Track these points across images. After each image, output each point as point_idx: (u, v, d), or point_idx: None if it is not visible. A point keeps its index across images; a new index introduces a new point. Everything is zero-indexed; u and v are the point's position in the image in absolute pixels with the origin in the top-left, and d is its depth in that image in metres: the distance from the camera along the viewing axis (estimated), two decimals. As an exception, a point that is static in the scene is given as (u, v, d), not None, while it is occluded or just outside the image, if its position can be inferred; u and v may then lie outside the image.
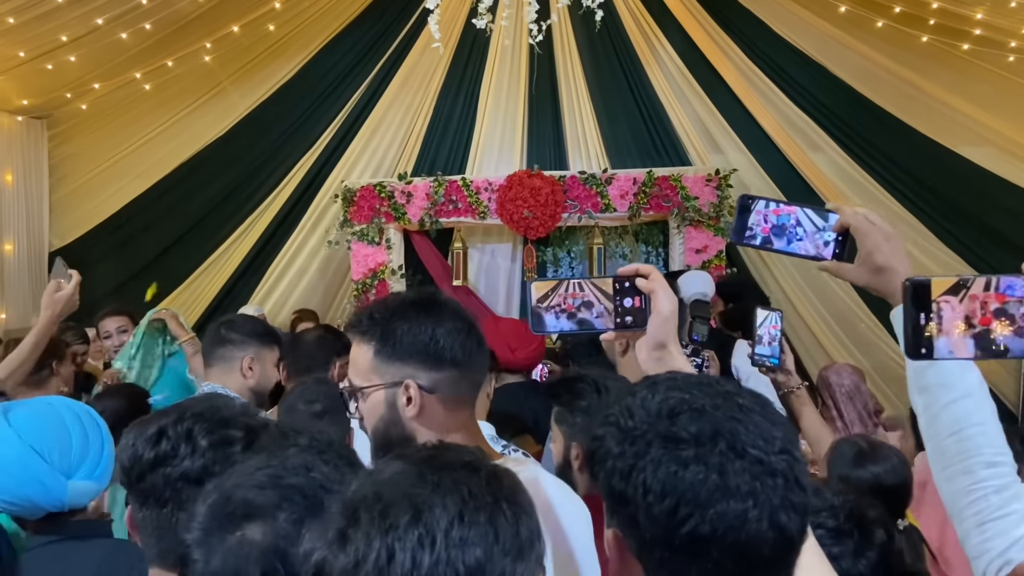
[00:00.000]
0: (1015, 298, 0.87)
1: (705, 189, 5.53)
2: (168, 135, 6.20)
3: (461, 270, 5.86)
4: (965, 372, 1.12)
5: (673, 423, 0.81)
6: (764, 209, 1.15)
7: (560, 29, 5.94)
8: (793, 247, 1.16)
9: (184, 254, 6.34)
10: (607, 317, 1.14)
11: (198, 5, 4.93)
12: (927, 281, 0.86)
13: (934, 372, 1.12)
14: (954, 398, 1.11)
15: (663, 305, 1.12)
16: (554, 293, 1.14)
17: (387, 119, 6.15)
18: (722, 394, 0.84)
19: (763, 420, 0.82)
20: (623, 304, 1.13)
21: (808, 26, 5.63)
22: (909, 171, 5.65)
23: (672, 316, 1.13)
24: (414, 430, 1.33)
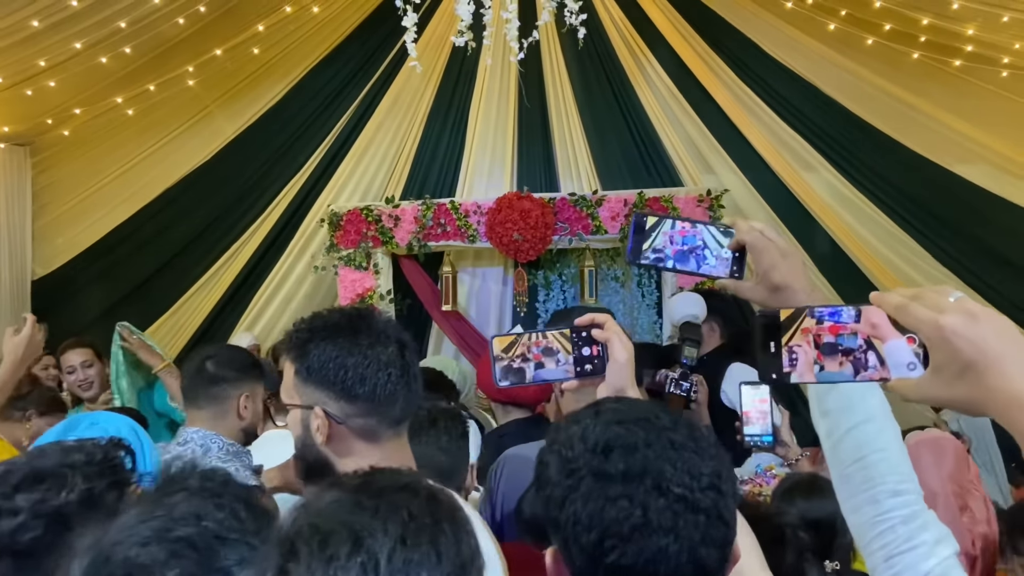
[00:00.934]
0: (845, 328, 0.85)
1: (697, 210, 5.46)
2: (153, 160, 6.12)
3: (451, 295, 5.76)
4: (867, 395, 1.08)
5: (606, 459, 0.87)
6: (669, 230, 1.11)
7: (548, 50, 5.90)
8: (701, 268, 1.14)
9: (170, 281, 6.24)
10: (568, 366, 1.18)
11: (180, 28, 4.86)
12: (776, 312, 0.87)
13: (835, 396, 1.09)
14: (856, 423, 1.08)
15: (618, 353, 1.16)
16: (516, 344, 1.18)
17: (375, 143, 6.08)
18: (657, 429, 0.88)
19: (693, 456, 0.87)
20: (582, 353, 1.18)
21: (798, 45, 5.60)
22: (902, 189, 5.59)
23: (627, 363, 1.16)
24: (327, 455, 1.33)
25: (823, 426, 1.13)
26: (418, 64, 3.84)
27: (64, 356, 3.80)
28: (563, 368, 1.19)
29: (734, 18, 5.70)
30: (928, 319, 0.74)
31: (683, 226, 1.12)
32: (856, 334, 0.84)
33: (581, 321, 1.19)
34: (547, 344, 1.18)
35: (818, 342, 0.85)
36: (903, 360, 0.80)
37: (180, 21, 4.76)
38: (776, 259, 1.09)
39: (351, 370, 1.29)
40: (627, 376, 1.16)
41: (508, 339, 1.19)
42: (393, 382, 1.32)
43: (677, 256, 1.11)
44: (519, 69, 3.88)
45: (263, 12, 5.31)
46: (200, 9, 4.75)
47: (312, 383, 1.31)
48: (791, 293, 1.08)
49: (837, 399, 1.09)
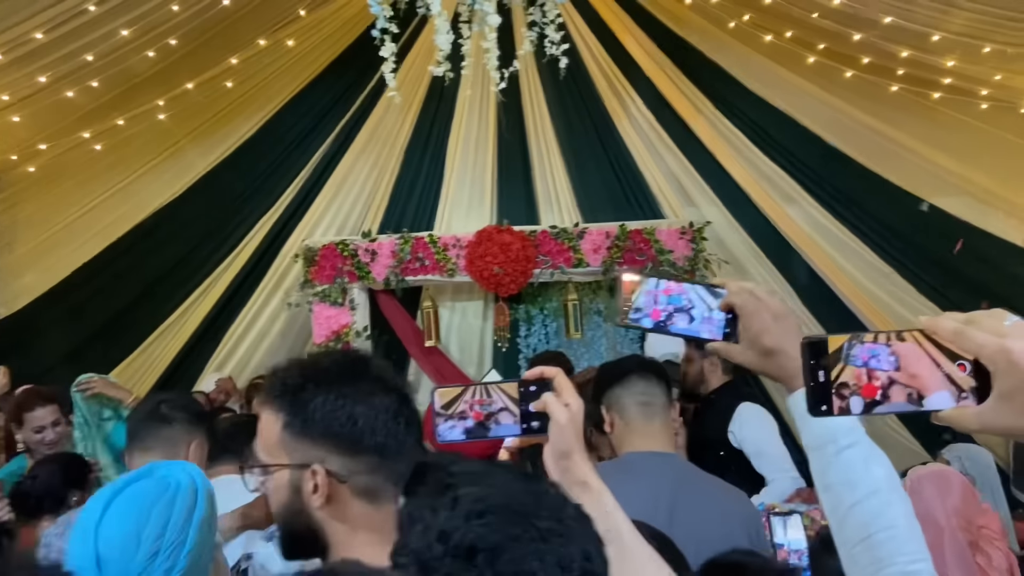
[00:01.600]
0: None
1: (679, 242, 5.40)
2: (122, 196, 5.95)
3: (433, 330, 5.62)
4: (870, 466, 1.01)
5: (470, 564, 0.81)
6: (654, 289, 1.05)
7: (527, 82, 5.85)
8: (686, 328, 1.07)
9: (138, 319, 6.03)
10: (515, 422, 1.10)
11: (150, 62, 4.74)
12: (824, 338, 0.79)
13: (837, 469, 1.02)
14: (859, 498, 1.00)
15: (558, 414, 1.06)
16: (460, 399, 1.10)
17: (352, 176, 5.98)
18: (522, 520, 0.84)
19: (561, 542, 0.83)
20: (528, 409, 1.10)
21: (777, 79, 5.60)
22: (884, 222, 5.58)
23: (569, 424, 1.05)
24: (321, 522, 1.16)
25: (826, 502, 1.05)
26: (397, 94, 3.74)
27: (32, 413, 3.46)
28: (509, 424, 1.10)
29: (713, 52, 5.70)
30: (992, 343, 0.69)
31: (668, 285, 1.06)
32: None
33: (529, 375, 1.11)
34: (493, 399, 1.10)
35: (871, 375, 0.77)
36: (952, 391, 0.74)
37: (150, 54, 4.64)
38: (767, 322, 1.02)
39: (362, 419, 1.16)
40: (570, 438, 1.05)
41: (452, 392, 1.11)
42: (402, 433, 1.20)
43: (665, 316, 1.05)
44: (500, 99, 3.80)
45: (236, 46, 5.21)
46: (171, 42, 4.64)
47: (309, 437, 1.15)
48: (784, 358, 1.01)
49: (838, 472, 1.02)
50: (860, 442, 1.02)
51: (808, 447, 1.05)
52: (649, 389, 1.83)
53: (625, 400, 1.86)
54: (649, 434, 1.80)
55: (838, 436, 1.01)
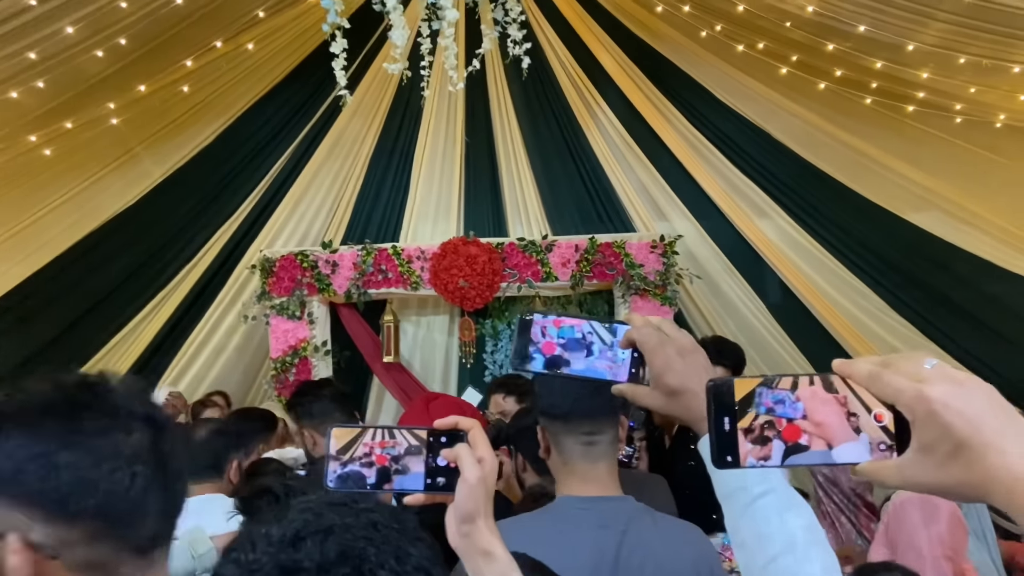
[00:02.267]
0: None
1: (650, 256, 5.27)
2: (74, 204, 5.71)
3: (393, 345, 5.43)
4: (786, 517, 0.91)
5: (297, 549, 0.74)
6: (543, 320, 0.94)
7: (496, 91, 5.73)
8: (584, 368, 0.95)
9: (89, 333, 5.78)
10: (419, 475, 0.96)
11: (101, 63, 4.53)
12: (730, 382, 0.72)
13: (749, 522, 0.92)
14: (773, 555, 0.90)
15: (468, 471, 0.93)
16: (358, 442, 0.96)
17: (314, 186, 5.79)
18: (355, 512, 0.79)
19: (399, 537, 0.78)
20: (436, 462, 0.96)
21: (748, 91, 5.52)
22: (856, 237, 5.49)
23: (480, 484, 0.92)
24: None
25: (740, 560, 0.94)
26: (347, 94, 3.57)
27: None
28: (412, 477, 0.95)
29: (684, 63, 5.61)
30: (910, 390, 0.61)
31: (561, 318, 0.95)
32: None
33: (442, 424, 0.97)
34: (396, 444, 0.96)
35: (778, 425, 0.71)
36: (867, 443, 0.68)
37: (99, 54, 4.43)
38: (672, 358, 0.92)
39: (66, 472, 0.83)
40: (479, 500, 0.92)
41: (349, 433, 0.96)
42: (139, 487, 0.86)
43: (557, 351, 0.93)
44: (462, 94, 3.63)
45: (192, 47, 5.02)
46: (121, 42, 4.44)
47: (3, 497, 0.83)
48: (690, 398, 0.91)
49: (751, 525, 0.91)
50: (775, 489, 0.91)
51: (720, 496, 0.95)
52: (596, 427, 1.55)
53: (564, 439, 1.56)
54: (592, 478, 1.54)
55: (749, 483, 0.91)
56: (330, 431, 0.97)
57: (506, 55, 3.62)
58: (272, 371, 5.27)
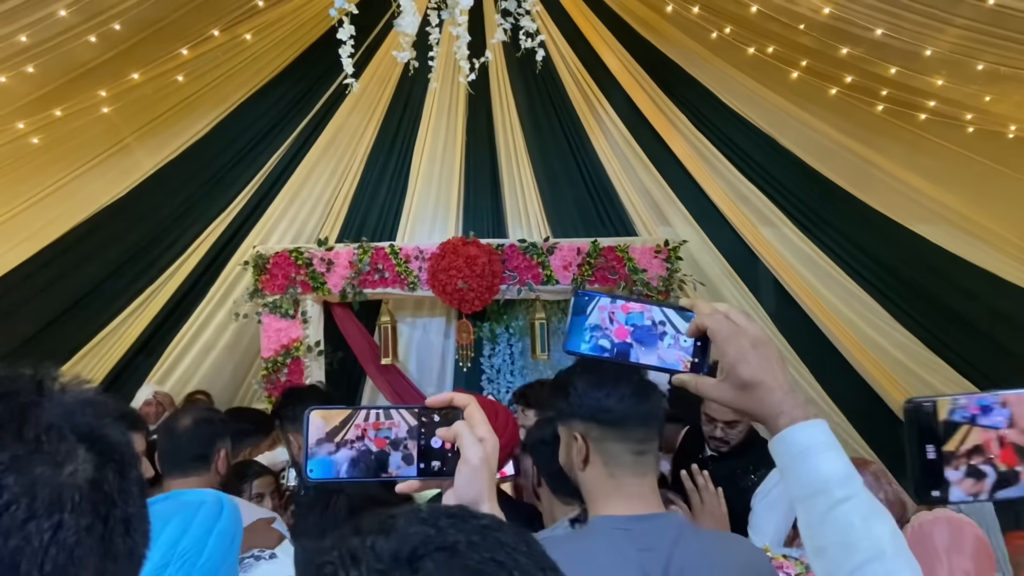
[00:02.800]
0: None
1: (654, 261, 5.16)
2: (61, 195, 5.53)
3: (390, 347, 5.28)
4: (871, 524, 0.84)
5: (415, 570, 0.59)
6: (609, 304, 0.90)
7: (498, 90, 5.61)
8: (655, 359, 0.90)
9: (74, 327, 5.61)
10: (411, 459, 0.86)
11: (93, 49, 4.38)
12: (932, 403, 0.67)
13: (831, 528, 0.85)
14: (859, 563, 0.83)
15: (470, 452, 0.84)
16: (348, 424, 0.84)
17: (310, 181, 5.65)
18: (479, 529, 0.64)
19: (529, 563, 0.63)
20: (430, 444, 0.86)
21: (756, 96, 5.42)
22: (863, 247, 5.41)
23: (483, 466, 0.83)
24: None
25: (819, 568, 0.87)
26: (354, 82, 3.44)
27: None
28: (403, 461, 0.86)
29: (690, 66, 5.51)
30: None
31: (628, 303, 0.91)
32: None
33: (436, 400, 0.87)
34: (391, 426, 0.85)
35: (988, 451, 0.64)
36: None
37: (92, 39, 4.27)
38: (745, 349, 0.88)
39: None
40: (482, 484, 0.83)
41: (336, 415, 0.84)
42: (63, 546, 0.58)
43: (621, 343, 0.89)
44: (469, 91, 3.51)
45: (188, 36, 4.86)
46: (115, 27, 4.28)
47: None
48: (764, 392, 0.87)
49: (833, 531, 0.85)
50: (858, 495, 0.85)
51: (795, 497, 0.88)
52: (648, 434, 1.36)
53: (614, 448, 1.36)
54: (638, 494, 1.35)
55: (831, 486, 0.85)
56: (308, 413, 0.84)
57: (516, 48, 3.49)
58: (263, 371, 5.11)
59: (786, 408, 0.87)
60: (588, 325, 0.90)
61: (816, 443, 0.86)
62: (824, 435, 0.87)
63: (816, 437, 0.86)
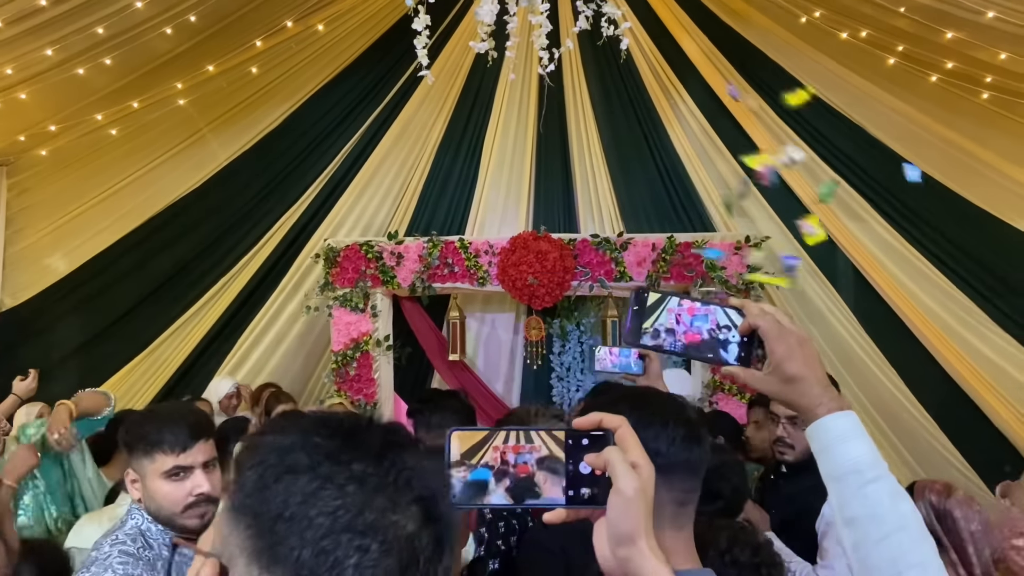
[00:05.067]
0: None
1: (733, 258, 4.92)
2: (138, 186, 5.64)
3: (458, 343, 5.20)
4: (897, 502, 0.97)
5: None
6: (677, 308, 0.98)
7: (572, 80, 5.45)
8: (709, 352, 1.00)
9: (149, 317, 5.71)
10: (558, 486, 0.79)
11: (169, 41, 4.40)
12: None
13: (861, 502, 0.97)
14: (887, 533, 0.95)
15: (624, 483, 0.77)
16: (486, 445, 0.79)
17: (380, 174, 5.60)
18: None
19: None
20: (579, 469, 0.79)
21: (845, 83, 5.13)
22: (959, 244, 5.07)
23: (638, 498, 0.77)
24: None
25: (848, 537, 0.98)
26: (429, 74, 3.33)
27: None
28: (550, 488, 0.79)
29: (774, 52, 5.24)
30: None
31: (692, 304, 0.99)
32: None
33: (582, 423, 0.81)
34: (534, 449, 0.79)
35: None
36: None
37: (168, 31, 4.29)
38: (794, 347, 0.99)
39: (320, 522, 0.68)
40: (637, 518, 0.76)
41: (474, 436, 0.80)
42: (371, 563, 0.65)
43: (686, 338, 0.99)
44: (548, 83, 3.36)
45: (262, 27, 4.85)
46: (191, 19, 4.28)
47: None
48: (807, 386, 0.99)
49: (864, 505, 0.96)
50: (885, 476, 0.97)
51: (829, 477, 0.99)
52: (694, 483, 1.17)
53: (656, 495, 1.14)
54: (674, 548, 1.13)
55: (863, 467, 0.96)
56: (449, 434, 0.80)
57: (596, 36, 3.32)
58: (333, 365, 5.09)
59: (825, 400, 0.98)
60: (647, 319, 0.97)
61: (850, 430, 0.97)
62: (856, 425, 0.98)
63: (850, 426, 0.98)
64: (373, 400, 4.97)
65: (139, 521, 1.56)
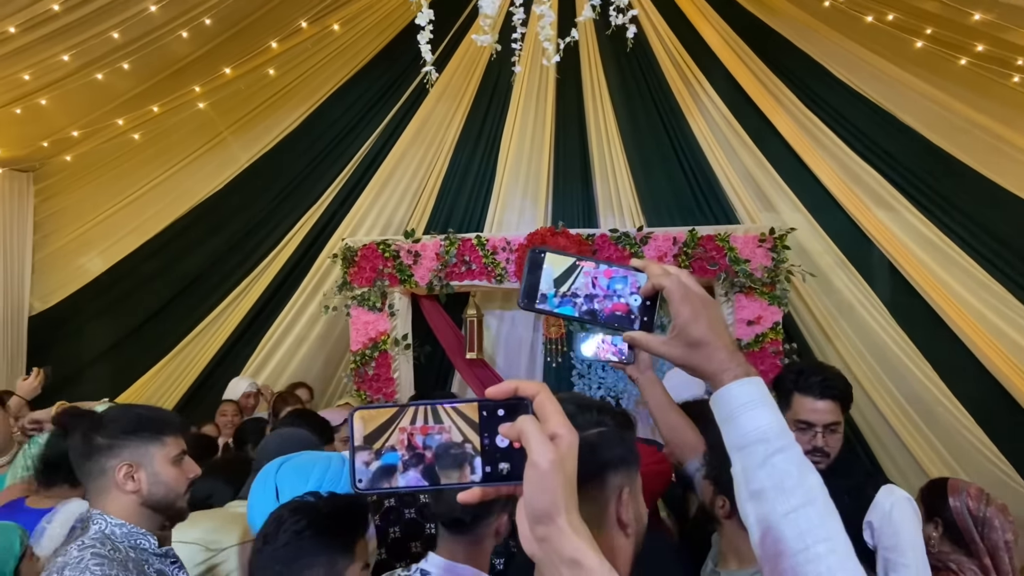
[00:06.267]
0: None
1: (757, 251, 4.81)
2: (162, 190, 5.72)
3: (476, 341, 5.16)
4: (805, 473, 0.91)
5: None
6: (592, 269, 0.92)
7: (589, 72, 5.38)
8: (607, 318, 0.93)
9: (175, 319, 5.79)
10: (473, 463, 0.72)
11: (186, 44, 4.43)
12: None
13: (768, 473, 0.90)
14: (795, 506, 0.89)
15: (538, 454, 0.69)
16: (392, 426, 0.72)
17: (398, 173, 5.58)
18: None
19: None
20: (494, 443, 0.72)
21: (873, 69, 4.98)
22: (994, 232, 4.89)
23: (556, 469, 0.68)
24: None
25: (752, 511, 0.92)
26: (432, 69, 3.28)
27: None
28: (462, 465, 0.72)
29: (798, 38, 5.11)
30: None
31: (609, 268, 0.92)
32: None
33: (497, 390, 0.74)
34: (443, 429, 0.72)
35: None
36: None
37: (184, 35, 4.31)
38: (699, 310, 0.93)
39: None
40: (555, 490, 0.68)
41: (379, 415, 0.72)
42: None
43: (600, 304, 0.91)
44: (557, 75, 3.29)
45: (278, 29, 4.86)
46: (205, 22, 4.30)
47: None
48: (713, 350, 0.93)
49: (771, 476, 0.90)
50: (792, 446, 0.91)
51: (733, 447, 0.93)
52: None
53: None
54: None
55: (770, 436, 0.90)
56: (352, 415, 0.71)
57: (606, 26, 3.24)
58: (352, 364, 5.08)
59: (731, 366, 0.92)
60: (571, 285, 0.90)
61: (756, 398, 0.91)
62: (763, 392, 0.92)
63: (757, 393, 0.91)
64: (393, 400, 4.96)
65: (103, 526, 1.56)
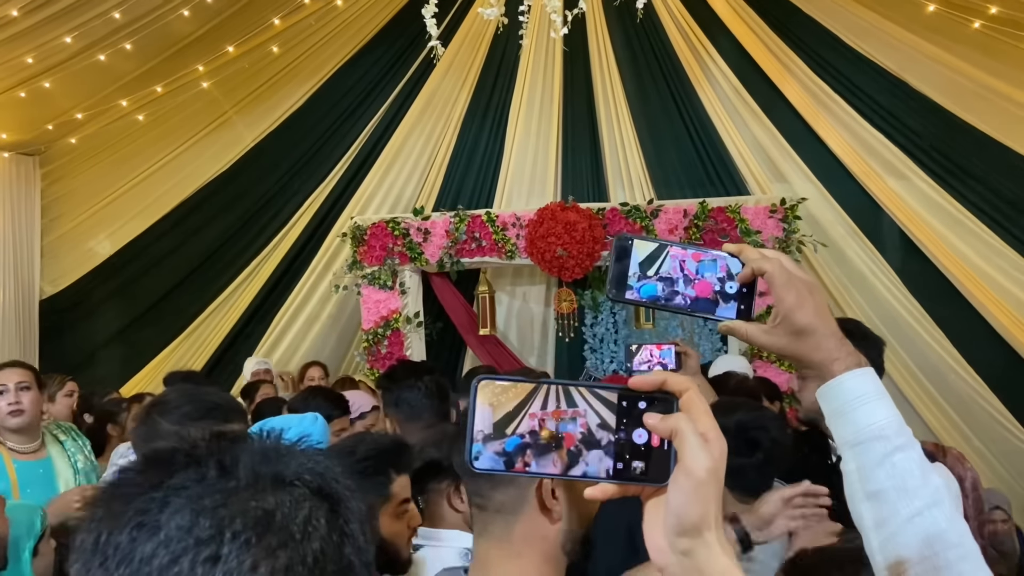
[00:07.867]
0: None
1: (769, 222, 4.77)
2: (169, 171, 5.70)
3: (488, 317, 5.16)
4: (929, 475, 0.86)
5: None
6: (680, 252, 0.86)
7: (596, 44, 5.31)
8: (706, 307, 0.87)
9: (186, 300, 5.80)
10: (605, 457, 0.65)
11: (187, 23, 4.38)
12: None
13: (888, 473, 0.85)
14: (919, 508, 0.84)
15: (693, 461, 0.62)
16: (527, 405, 0.64)
17: (405, 149, 5.55)
18: None
19: None
20: (631, 438, 0.65)
21: (883, 33, 4.90)
22: (1009, 199, 4.84)
23: (709, 480, 0.62)
24: None
25: (869, 512, 0.87)
26: (439, 44, 3.24)
27: None
28: (595, 458, 0.65)
29: (807, 5, 5.04)
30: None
31: (697, 251, 0.86)
32: None
33: (639, 383, 0.65)
34: (578, 411, 0.65)
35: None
36: None
37: (185, 13, 4.27)
38: (804, 296, 0.87)
39: None
40: (707, 505, 0.62)
41: (511, 391, 0.65)
42: None
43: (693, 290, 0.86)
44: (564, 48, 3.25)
45: (280, 5, 4.81)
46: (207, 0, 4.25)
47: None
48: (820, 339, 0.87)
49: (891, 477, 0.85)
50: (913, 444, 0.87)
51: (846, 442, 0.88)
52: None
53: None
54: None
55: (889, 433, 0.85)
56: (475, 385, 0.65)
57: None
58: (364, 343, 5.09)
59: (841, 355, 0.87)
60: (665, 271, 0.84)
61: (873, 390, 0.86)
62: (878, 384, 0.87)
63: (871, 384, 0.87)
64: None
65: None
